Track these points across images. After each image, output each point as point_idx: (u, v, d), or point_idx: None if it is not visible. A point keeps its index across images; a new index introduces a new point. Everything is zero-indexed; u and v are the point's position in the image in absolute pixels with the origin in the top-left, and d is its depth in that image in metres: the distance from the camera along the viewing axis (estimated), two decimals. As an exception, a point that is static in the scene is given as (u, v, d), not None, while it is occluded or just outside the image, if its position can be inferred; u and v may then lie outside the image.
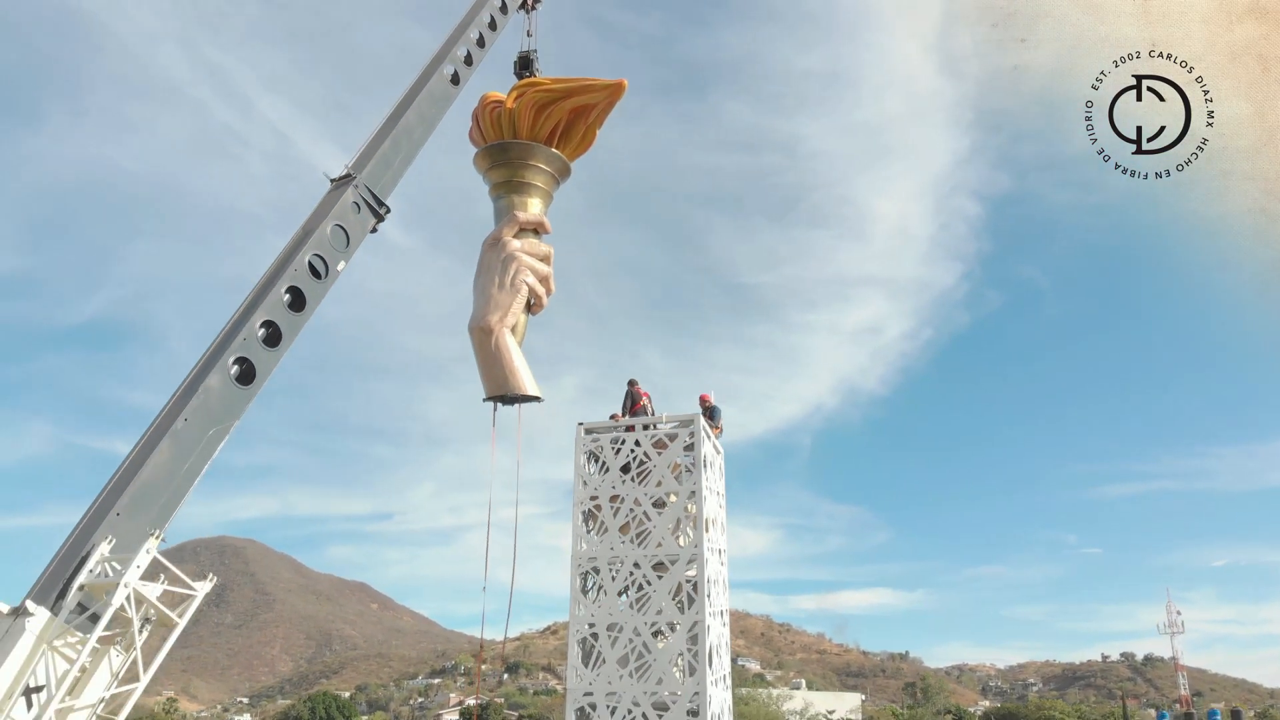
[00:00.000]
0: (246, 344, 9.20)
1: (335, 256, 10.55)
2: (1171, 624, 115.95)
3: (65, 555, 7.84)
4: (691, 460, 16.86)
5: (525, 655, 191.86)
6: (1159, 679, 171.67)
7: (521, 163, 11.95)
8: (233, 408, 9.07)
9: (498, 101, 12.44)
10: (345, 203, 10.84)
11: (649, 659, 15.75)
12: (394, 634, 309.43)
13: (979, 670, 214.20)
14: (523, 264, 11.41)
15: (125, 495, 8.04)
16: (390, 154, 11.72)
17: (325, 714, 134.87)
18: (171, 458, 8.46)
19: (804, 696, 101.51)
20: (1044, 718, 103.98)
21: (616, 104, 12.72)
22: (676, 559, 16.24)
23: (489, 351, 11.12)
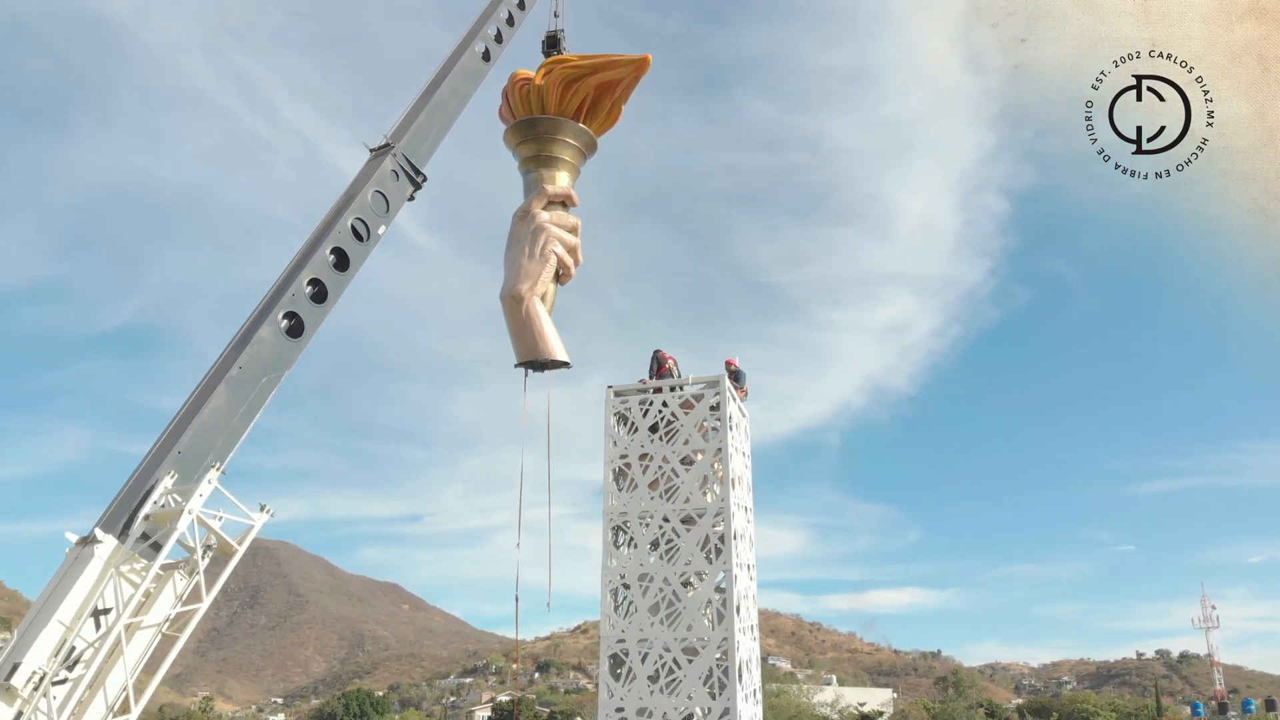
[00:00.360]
0: (295, 300, 9.78)
1: (376, 221, 11.13)
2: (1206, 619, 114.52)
3: (131, 489, 8.46)
4: (718, 420, 17.44)
5: (556, 655, 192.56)
6: (1194, 676, 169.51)
7: (549, 137, 12.34)
8: (283, 358, 9.71)
9: (526, 79, 12.86)
10: (384, 170, 11.38)
11: (678, 607, 16.35)
12: (425, 634, 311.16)
13: (1012, 669, 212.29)
14: (551, 235, 11.88)
15: (186, 435, 8.66)
16: (426, 125, 12.22)
17: (359, 710, 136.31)
18: (227, 402, 9.06)
19: (835, 690, 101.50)
20: (1077, 711, 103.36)
21: (641, 79, 13.23)
22: (704, 513, 16.83)
23: (519, 319, 11.61)
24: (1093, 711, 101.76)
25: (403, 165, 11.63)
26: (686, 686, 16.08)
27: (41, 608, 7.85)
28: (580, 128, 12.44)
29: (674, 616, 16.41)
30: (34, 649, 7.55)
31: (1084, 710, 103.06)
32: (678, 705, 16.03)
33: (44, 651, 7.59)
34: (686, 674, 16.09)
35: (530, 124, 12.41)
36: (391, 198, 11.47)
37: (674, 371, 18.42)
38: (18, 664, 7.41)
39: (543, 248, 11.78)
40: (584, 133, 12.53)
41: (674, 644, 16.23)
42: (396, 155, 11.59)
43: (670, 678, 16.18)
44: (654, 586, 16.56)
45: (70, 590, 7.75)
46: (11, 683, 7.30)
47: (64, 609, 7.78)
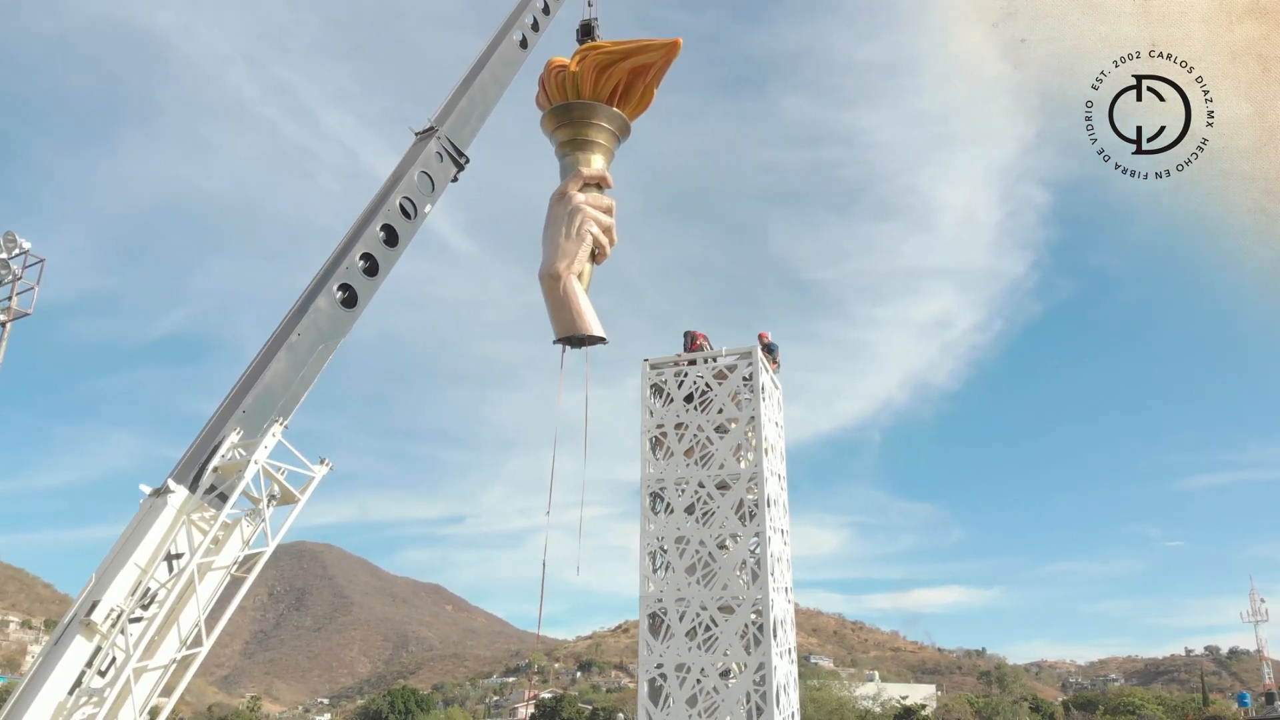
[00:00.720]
0: (349, 272, 10.40)
1: (422, 200, 11.72)
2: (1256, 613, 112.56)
3: (200, 444, 9.12)
4: (750, 390, 18.06)
5: (598, 653, 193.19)
6: (1244, 672, 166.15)
7: (584, 121, 12.76)
8: (339, 327, 10.41)
9: (562, 66, 13.43)
10: (429, 152, 11.83)
11: (714, 568, 17.00)
12: (469, 634, 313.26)
13: (1059, 667, 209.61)
14: (587, 215, 12.40)
15: (249, 395, 9.28)
16: (468, 110, 12.69)
17: (404, 708, 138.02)
18: (287, 366, 9.70)
19: (877, 685, 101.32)
20: (1124, 704, 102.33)
21: (672, 63, 13.81)
22: (738, 478, 17.47)
23: (557, 296, 12.19)
24: (1139, 705, 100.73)
25: (446, 147, 12.07)
26: (723, 643, 16.73)
27: (119, 552, 8.44)
28: (614, 111, 12.95)
29: (710, 577, 17.06)
30: (112, 589, 8.00)
31: (1130, 704, 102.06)
32: (714, 661, 16.67)
33: (121, 591, 8.07)
34: (722, 631, 16.74)
35: (565, 109, 12.96)
36: (436, 178, 11.99)
37: (705, 348, 19.06)
38: (97, 601, 7.91)
39: (579, 228, 12.33)
40: (618, 116, 13.07)
41: (710, 602, 16.88)
42: (440, 138, 12.03)
43: (707, 634, 16.83)
44: (690, 548, 17.23)
45: (145, 536, 8.26)
46: (92, 618, 7.79)
47: (140, 553, 8.34)
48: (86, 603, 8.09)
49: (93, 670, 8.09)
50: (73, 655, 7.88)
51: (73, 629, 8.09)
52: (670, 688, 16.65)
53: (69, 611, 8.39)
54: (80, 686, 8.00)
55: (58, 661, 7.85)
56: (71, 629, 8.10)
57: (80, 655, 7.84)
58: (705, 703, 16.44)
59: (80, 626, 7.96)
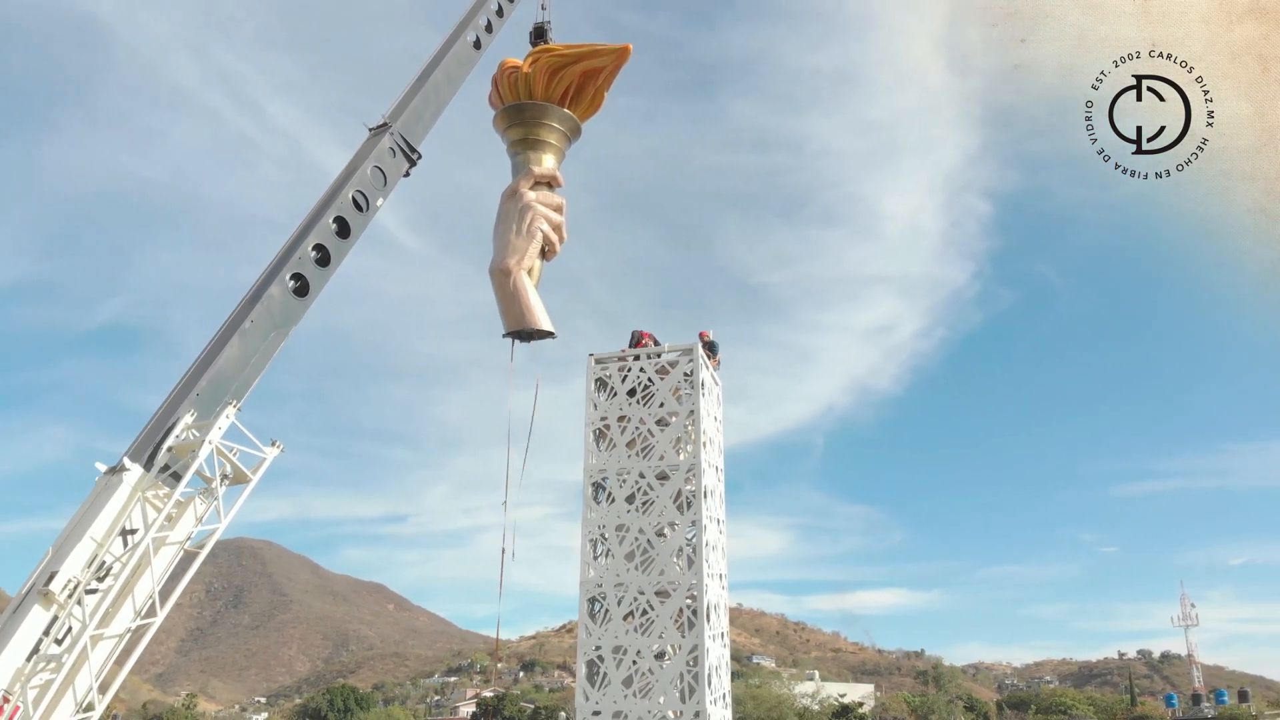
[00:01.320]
0: (301, 262, 10.81)
1: (374, 193, 12.09)
2: (1185, 617, 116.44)
3: (155, 425, 9.50)
4: (691, 385, 18.81)
5: (541, 653, 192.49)
6: (1175, 675, 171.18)
7: (536, 121, 13.19)
8: (290, 314, 10.80)
9: (515, 67, 13.80)
10: (383, 148, 12.32)
11: (652, 554, 17.72)
12: (410, 634, 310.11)
13: (995, 669, 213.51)
14: (538, 213, 12.84)
15: (203, 379, 9.71)
16: (421, 107, 13.16)
17: (344, 706, 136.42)
18: (240, 352, 10.10)
19: (816, 684, 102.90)
20: (1055, 704, 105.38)
21: (622, 67, 14.38)
22: (677, 469, 18.22)
23: (507, 291, 12.66)
24: (1070, 705, 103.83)
25: (399, 143, 12.55)
26: (659, 626, 17.44)
27: (75, 526, 8.74)
28: (565, 113, 13.33)
29: (648, 563, 17.77)
30: (69, 561, 8.39)
31: (1062, 704, 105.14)
32: (650, 643, 17.37)
33: (78, 564, 8.47)
34: (659, 614, 17.47)
35: (518, 109, 13.31)
36: (389, 173, 12.43)
37: (651, 344, 19.78)
38: (55, 573, 8.28)
39: (529, 225, 12.77)
40: (569, 118, 13.49)
41: (648, 587, 17.60)
42: (394, 134, 12.50)
43: (644, 618, 17.54)
44: (630, 536, 17.94)
45: (101, 511, 8.69)
46: (50, 588, 8.18)
47: (96, 527, 8.69)
48: (44, 574, 8.40)
49: (50, 638, 8.48)
50: (30, 623, 8.23)
51: (30, 599, 8.45)
52: (608, 668, 17.32)
53: (26, 582, 8.75)
54: (38, 653, 8.44)
55: (16, 629, 8.17)
56: (29, 599, 8.45)
57: (38, 624, 8.22)
58: (640, 683, 17.14)
59: (38, 596, 8.29)
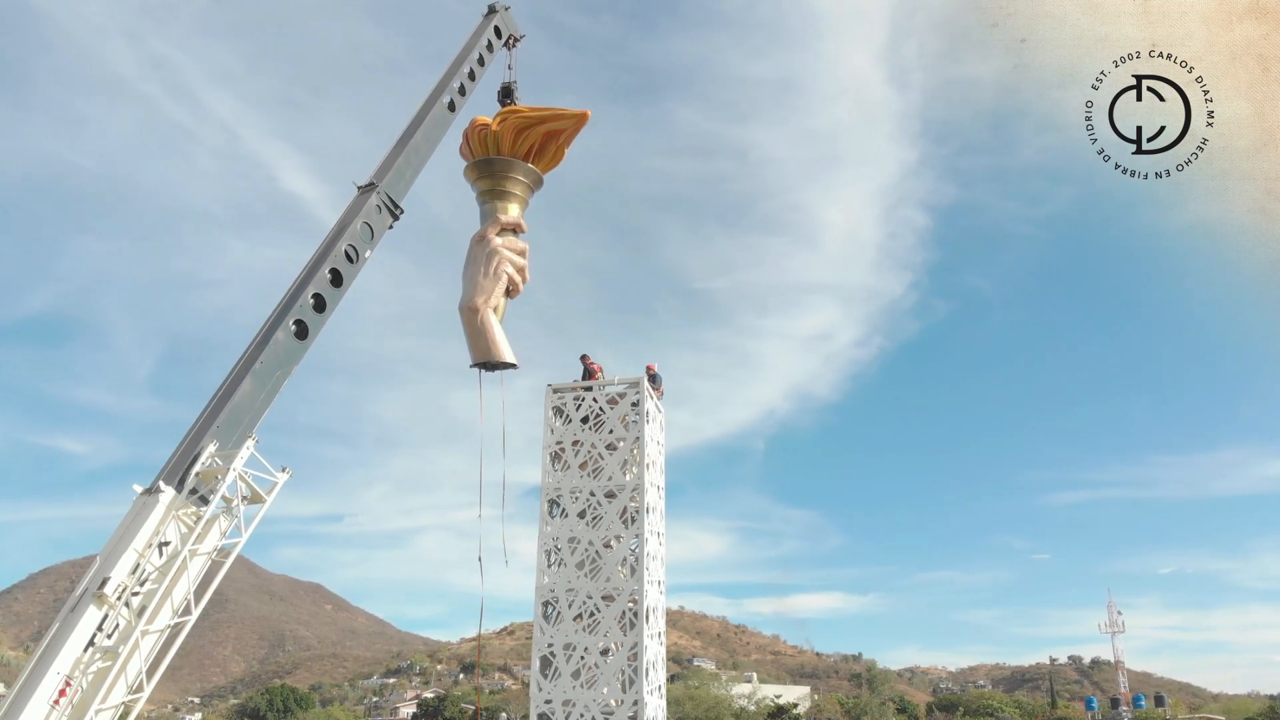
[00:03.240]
0: (302, 309, 12.28)
1: (363, 246, 13.51)
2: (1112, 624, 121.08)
3: (183, 452, 11.20)
4: (637, 414, 21.37)
5: (482, 655, 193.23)
6: (1105, 681, 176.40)
7: (503, 174, 14.60)
8: (293, 356, 12.50)
9: (485, 124, 15.44)
10: (370, 205, 13.70)
11: (600, 563, 20.21)
12: (348, 635, 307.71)
13: (931, 673, 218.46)
14: (504, 257, 14.61)
15: (222, 414, 11.24)
16: (403, 167, 14.61)
17: (283, 706, 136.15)
18: (253, 390, 11.68)
19: (753, 685, 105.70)
20: (983, 706, 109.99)
21: (581, 130, 16.54)
22: (623, 488, 20.72)
23: (475, 327, 14.45)
24: (997, 708, 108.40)
25: (384, 201, 13.94)
26: (604, 626, 19.94)
27: (120, 538, 10.41)
28: (529, 167, 14.93)
29: (595, 571, 20.25)
30: (118, 567, 10.34)
31: (989, 706, 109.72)
32: (596, 641, 19.87)
33: (124, 570, 10.39)
34: (604, 616, 19.95)
35: (487, 163, 15.05)
36: (376, 228, 13.86)
37: (601, 375, 22.30)
38: (107, 578, 10.04)
39: (496, 267, 14.62)
40: (533, 172, 15.27)
41: (595, 593, 20.07)
42: (380, 193, 13.86)
43: (591, 619, 20.03)
44: (580, 547, 20.40)
45: (142, 527, 10.23)
46: (104, 591, 9.83)
47: (138, 540, 10.83)
48: (96, 579, 10.19)
49: (103, 633, 10.51)
50: (87, 621, 10.02)
51: (86, 600, 10.39)
52: (559, 663, 19.77)
53: (80, 586, 10.79)
54: (93, 646, 10.44)
55: (75, 625, 10.02)
56: (85, 600, 10.39)
57: (93, 621, 9.67)
58: (587, 675, 19.61)
59: (93, 598, 10.26)
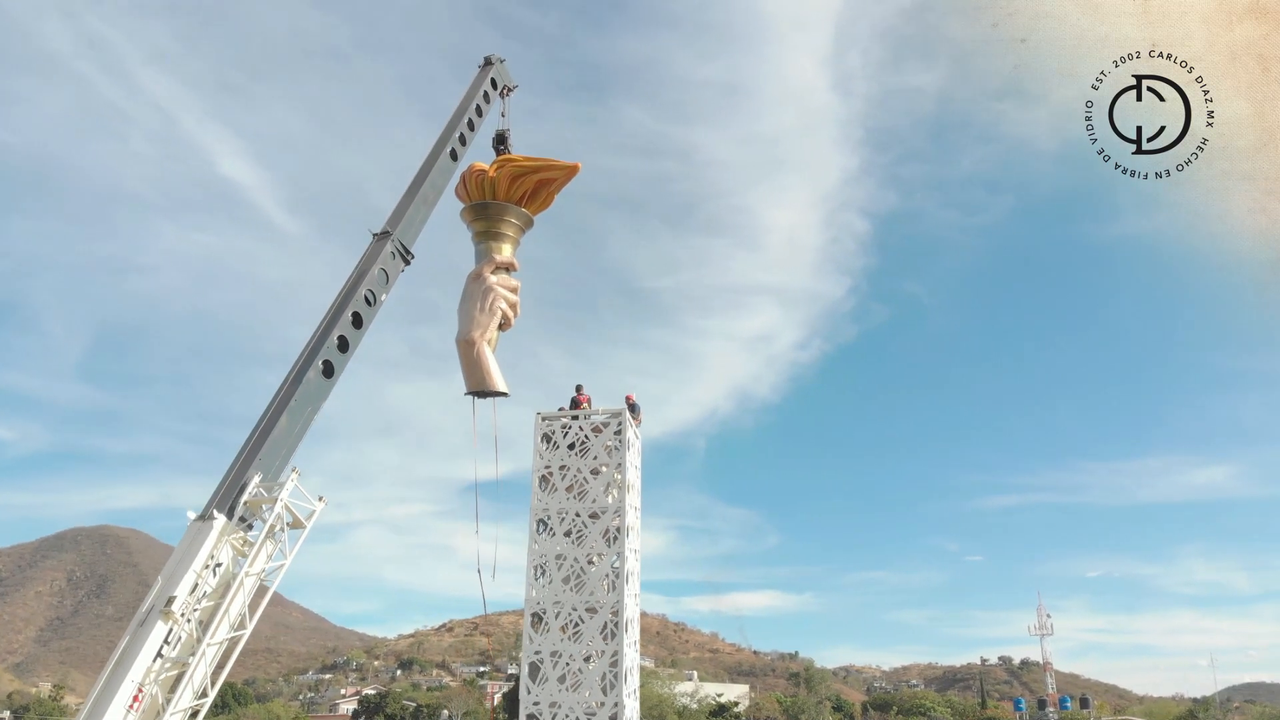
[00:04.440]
0: (328, 349, 13.55)
1: (380, 290, 14.65)
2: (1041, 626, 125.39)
3: (231, 482, 12.35)
4: (619, 441, 23.45)
5: (419, 652, 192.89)
6: (1034, 682, 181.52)
7: (498, 218, 15.70)
8: (323, 392, 13.58)
9: (482, 170, 16.29)
10: (386, 252, 14.80)
11: (585, 578, 22.28)
12: (282, 629, 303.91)
13: (865, 671, 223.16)
14: (498, 294, 15.72)
15: (264, 448, 12.60)
16: (413, 215, 15.68)
17: (220, 701, 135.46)
18: (289, 424, 12.97)
19: (695, 684, 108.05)
20: (916, 705, 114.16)
21: (571, 180, 17.88)
22: (606, 510, 22.80)
23: (471, 358, 15.85)
24: (929, 707, 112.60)
25: (398, 248, 15.03)
26: (587, 635, 22.02)
27: (180, 561, 11.48)
28: (522, 211, 15.87)
29: (580, 585, 22.31)
30: (181, 586, 11.37)
31: (922, 706, 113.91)
32: (581, 649, 21.94)
33: (186, 589, 11.32)
34: (588, 626, 22.03)
35: (483, 207, 15.82)
36: (391, 273, 14.93)
37: (587, 405, 24.36)
38: (173, 597, 11.09)
39: (491, 303, 15.96)
40: (524, 214, 15.92)
41: (580, 605, 22.13)
42: (394, 240, 14.95)
43: (576, 630, 22.09)
44: (567, 563, 22.44)
45: (200, 550, 11.49)
46: (171, 609, 10.97)
47: (197, 562, 11.95)
48: (162, 597, 11.09)
49: (169, 645, 12.01)
50: (156, 634, 10.98)
51: (154, 616, 11.80)
52: (546, 669, 21.79)
53: (145, 603, 12.15)
54: (161, 657, 11.96)
55: (145, 639, 10.82)
56: (153, 616, 11.80)
57: (160, 635, 10.91)
58: (572, 680, 21.67)
59: (160, 614, 11.48)
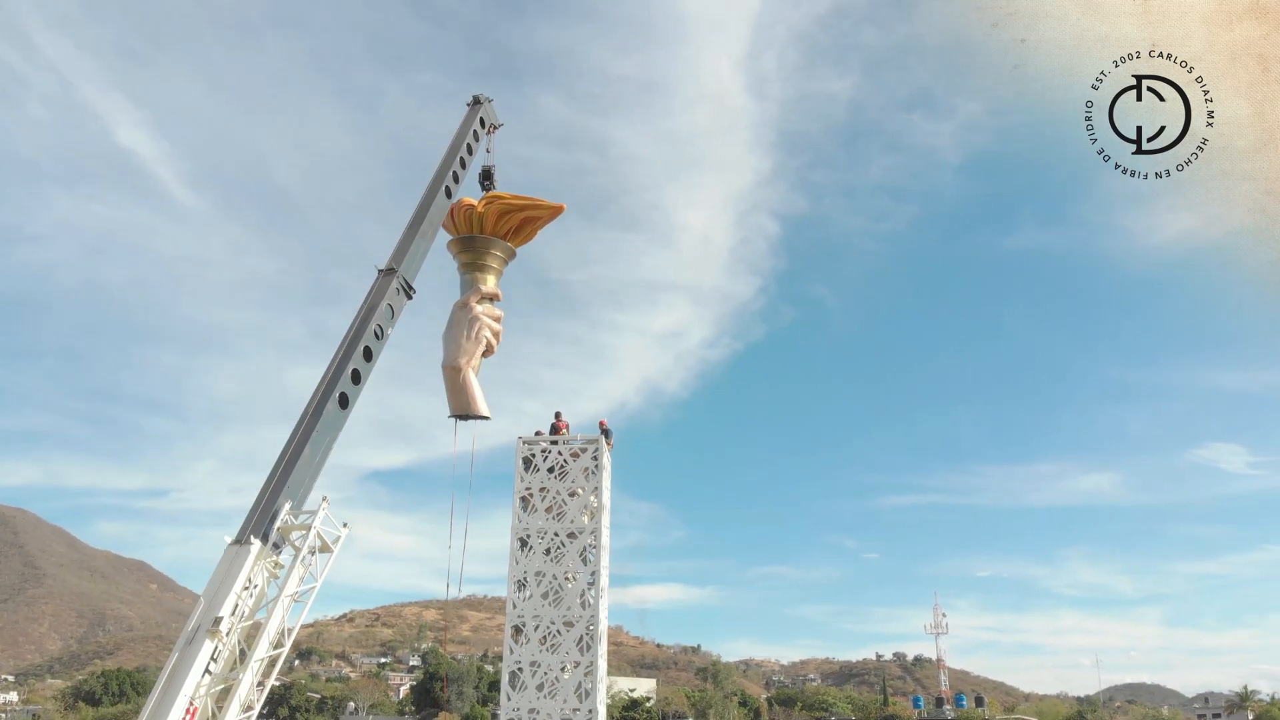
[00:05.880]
0: (344, 382, 14.60)
1: (386, 325, 15.66)
2: (937, 625, 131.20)
3: (264, 508, 13.51)
4: (596, 466, 25.27)
5: (318, 642, 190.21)
6: (926, 678, 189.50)
7: (484, 250, 16.95)
8: (339, 423, 14.65)
9: (470, 205, 17.54)
10: (392, 288, 15.67)
11: (563, 594, 24.05)
12: (175, 616, 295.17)
13: (764, 665, 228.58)
14: (484, 323, 16.66)
15: (291, 476, 13.73)
16: (414, 252, 16.41)
17: (119, 690, 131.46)
18: (311, 454, 14.09)
19: (608, 678, 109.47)
20: (819, 701, 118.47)
21: (555, 219, 19.04)
22: (584, 529, 24.60)
23: (457, 384, 16.94)
24: (832, 703, 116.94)
25: (402, 284, 15.86)
26: (564, 647, 23.81)
27: (221, 584, 12.60)
28: (506, 244, 17.10)
29: (559, 600, 24.08)
30: (224, 607, 12.34)
31: (824, 702, 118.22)
32: (559, 660, 23.70)
33: (229, 609, 12.42)
34: (565, 639, 23.83)
35: (470, 240, 17.00)
36: (396, 308, 15.80)
37: (566, 431, 26.07)
38: (220, 617, 12.24)
39: (477, 332, 17.01)
40: (509, 248, 17.18)
41: (557, 618, 23.90)
42: (399, 276, 15.76)
43: (554, 640, 23.86)
44: (546, 579, 24.17)
45: (239, 573, 12.69)
46: (218, 629, 12.12)
47: (237, 584, 12.71)
48: (208, 618, 12.30)
49: (215, 662, 13.14)
50: (204, 652, 12.13)
51: (200, 635, 12.71)
52: (525, 678, 23.50)
53: (191, 622, 12.61)
54: (209, 674, 13.01)
55: (195, 657, 12.02)
56: (200, 635, 12.74)
57: (208, 652, 12.14)
58: (549, 688, 23.44)
59: (207, 633, 12.24)
